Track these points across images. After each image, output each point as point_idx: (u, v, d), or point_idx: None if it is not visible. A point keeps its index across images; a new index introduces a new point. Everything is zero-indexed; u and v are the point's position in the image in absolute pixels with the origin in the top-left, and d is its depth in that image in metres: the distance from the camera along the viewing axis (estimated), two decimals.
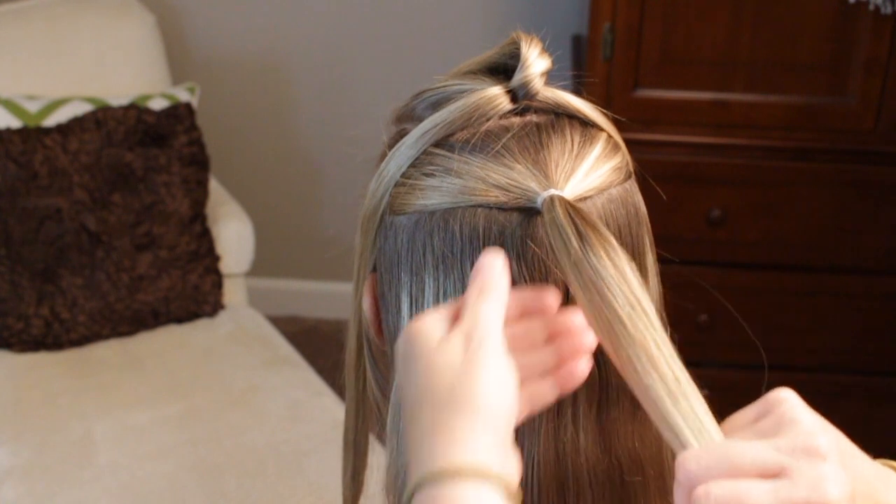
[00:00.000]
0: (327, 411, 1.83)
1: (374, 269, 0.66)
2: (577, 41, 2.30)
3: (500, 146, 0.61)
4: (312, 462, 1.71)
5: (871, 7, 1.79)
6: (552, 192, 0.59)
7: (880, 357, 2.07)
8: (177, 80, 2.48)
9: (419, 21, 2.52)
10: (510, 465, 0.54)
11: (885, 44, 1.82)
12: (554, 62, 0.66)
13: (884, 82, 1.85)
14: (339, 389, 1.85)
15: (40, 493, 1.65)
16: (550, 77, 0.66)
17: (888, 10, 1.78)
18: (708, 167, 1.93)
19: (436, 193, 0.61)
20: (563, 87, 0.66)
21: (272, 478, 1.69)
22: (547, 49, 0.65)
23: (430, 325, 0.57)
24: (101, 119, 2.06)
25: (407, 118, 0.66)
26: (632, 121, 1.91)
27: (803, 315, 2.03)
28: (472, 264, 0.59)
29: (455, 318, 0.58)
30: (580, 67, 2.07)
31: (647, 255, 0.65)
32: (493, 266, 0.58)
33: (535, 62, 0.63)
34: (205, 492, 1.66)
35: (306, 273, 2.83)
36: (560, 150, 0.61)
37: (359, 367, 0.72)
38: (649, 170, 0.62)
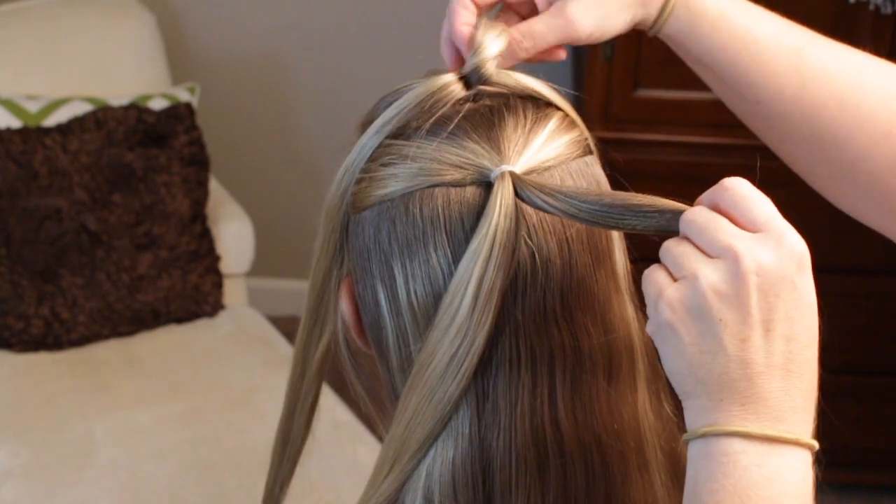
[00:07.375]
0: (327, 411, 1.83)
1: (348, 274, 0.67)
2: None
3: (452, 127, 0.61)
4: (312, 462, 1.69)
5: (871, 7, 1.79)
6: (504, 167, 0.59)
7: (880, 357, 2.06)
8: (177, 80, 2.47)
9: (419, 21, 2.51)
10: None
11: (885, 44, 1.82)
12: (553, 62, 0.66)
13: None
14: (337, 389, 1.85)
15: (40, 493, 1.65)
16: (549, 76, 0.65)
17: (888, 10, 1.78)
18: (708, 167, 1.93)
19: (393, 180, 0.62)
20: (525, 71, 0.66)
21: None
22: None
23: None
24: (101, 119, 2.06)
25: (369, 123, 0.66)
26: (632, 121, 1.93)
27: None
28: (435, 246, 0.60)
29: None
30: (580, 67, 2.06)
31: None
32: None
33: (489, 46, 0.63)
34: (205, 492, 1.66)
35: (306, 273, 2.82)
36: (513, 126, 0.62)
37: (306, 363, 0.72)
38: (649, 170, 0.62)
